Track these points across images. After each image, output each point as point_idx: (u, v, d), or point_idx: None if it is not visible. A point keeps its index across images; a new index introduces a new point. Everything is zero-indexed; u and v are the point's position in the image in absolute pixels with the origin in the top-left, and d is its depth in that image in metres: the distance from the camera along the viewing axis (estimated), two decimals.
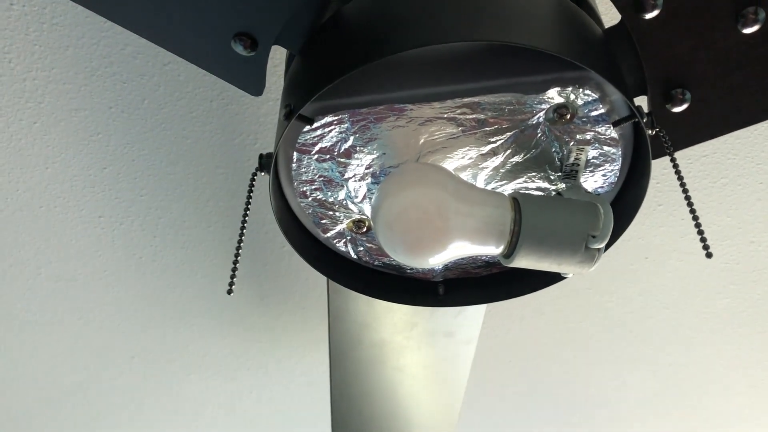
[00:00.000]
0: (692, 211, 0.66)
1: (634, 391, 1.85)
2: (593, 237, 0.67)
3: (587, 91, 0.66)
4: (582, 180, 0.74)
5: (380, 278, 0.84)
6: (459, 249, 0.68)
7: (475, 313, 1.09)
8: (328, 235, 0.79)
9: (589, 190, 0.75)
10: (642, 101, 0.73)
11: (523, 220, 0.67)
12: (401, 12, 0.63)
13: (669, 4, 0.69)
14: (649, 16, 0.69)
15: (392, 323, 1.07)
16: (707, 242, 0.63)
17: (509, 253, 0.68)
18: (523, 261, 0.69)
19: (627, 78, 0.73)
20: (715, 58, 0.72)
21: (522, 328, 1.64)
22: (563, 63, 0.64)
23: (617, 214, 0.74)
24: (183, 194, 1.31)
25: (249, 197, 0.73)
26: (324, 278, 1.45)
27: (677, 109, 0.75)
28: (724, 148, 1.22)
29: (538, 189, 0.74)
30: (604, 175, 0.73)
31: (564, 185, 0.74)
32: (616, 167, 0.72)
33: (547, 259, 0.68)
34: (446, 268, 0.84)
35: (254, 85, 0.74)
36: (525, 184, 0.74)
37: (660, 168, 1.26)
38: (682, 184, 0.68)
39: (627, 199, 0.74)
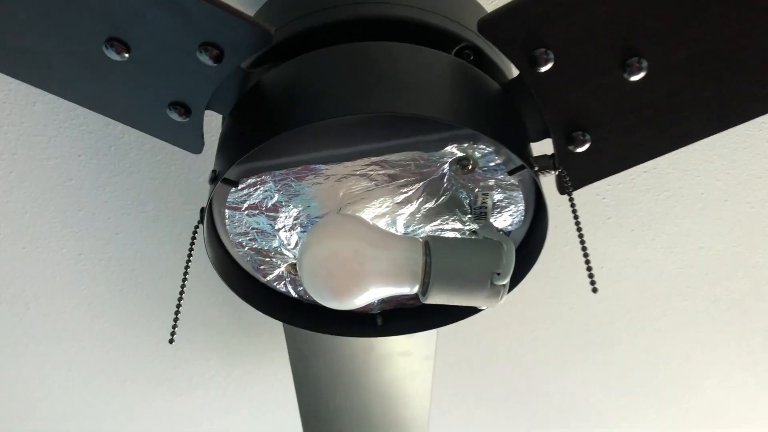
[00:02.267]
0: (584, 249, 0.72)
1: (606, 394, 1.91)
2: (497, 275, 0.74)
3: (482, 146, 0.72)
4: (492, 219, 0.80)
5: (322, 313, 0.91)
6: (379, 291, 0.75)
7: (428, 332, 1.16)
8: (269, 278, 0.86)
9: (501, 227, 0.81)
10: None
11: (433, 262, 0.74)
12: (308, 86, 0.70)
13: (560, 58, 0.75)
14: (543, 69, 0.76)
15: (348, 348, 1.14)
16: (594, 278, 0.69)
17: (424, 291, 0.75)
18: (437, 298, 0.76)
19: (531, 124, 0.79)
20: (607, 103, 0.78)
21: (489, 339, 1.71)
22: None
23: (527, 251, 0.81)
24: (156, 230, 1.38)
25: (191, 248, 0.80)
26: None
27: (580, 150, 0.81)
28: (663, 162, 1.29)
29: (453, 230, 0.81)
30: (511, 215, 0.80)
31: (476, 225, 0.81)
32: (521, 208, 0.79)
33: (458, 295, 0.75)
34: (382, 301, 0.91)
35: (193, 145, 0.81)
36: (441, 226, 0.81)
37: (605, 183, 1.33)
38: (576, 218, 0.75)
39: (533, 237, 0.81)
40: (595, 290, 0.69)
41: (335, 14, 0.76)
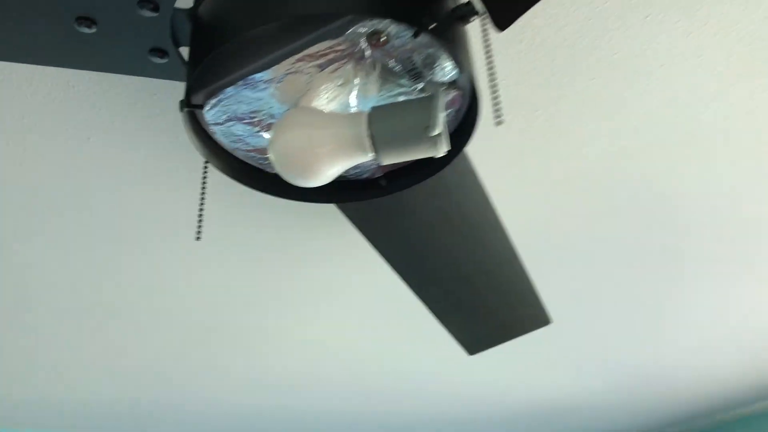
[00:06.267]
0: (492, 78, 0.79)
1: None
2: (427, 128, 0.83)
3: (377, 20, 0.80)
4: (431, 76, 0.88)
5: (337, 186, 1.06)
6: (339, 164, 0.88)
7: None
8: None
9: (444, 79, 0.89)
10: None
11: (374, 131, 0.85)
12: (221, 13, 0.82)
13: None
14: None
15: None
16: (500, 109, 0.77)
17: (376, 156, 0.87)
18: (389, 158, 0.87)
19: None
20: None
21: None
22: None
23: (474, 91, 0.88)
24: None
25: (204, 181, 0.99)
26: None
27: None
28: None
29: (400, 94, 0.91)
30: (444, 67, 0.87)
31: (420, 84, 0.89)
32: (449, 60, 0.86)
33: (405, 153, 0.86)
34: (379, 166, 1.03)
35: (177, 77, 0.98)
36: (389, 93, 0.91)
37: None
38: (487, 47, 0.81)
39: (471, 82, 0.88)
40: (499, 123, 0.77)
41: None
